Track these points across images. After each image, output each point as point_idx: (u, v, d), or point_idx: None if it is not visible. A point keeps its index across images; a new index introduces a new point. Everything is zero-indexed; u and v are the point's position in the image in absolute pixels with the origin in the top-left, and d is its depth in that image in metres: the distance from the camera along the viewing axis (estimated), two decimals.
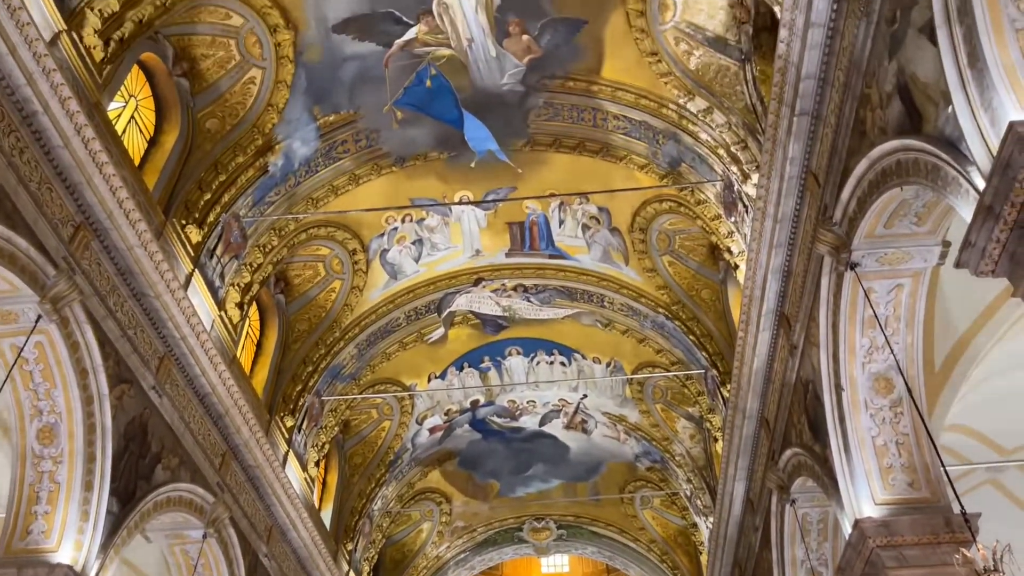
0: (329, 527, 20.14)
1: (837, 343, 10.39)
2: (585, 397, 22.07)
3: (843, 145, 9.57)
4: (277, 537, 16.99)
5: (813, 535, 13.65)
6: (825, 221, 10.13)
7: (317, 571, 18.53)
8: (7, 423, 11.52)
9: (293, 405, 17.41)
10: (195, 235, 13.33)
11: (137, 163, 12.40)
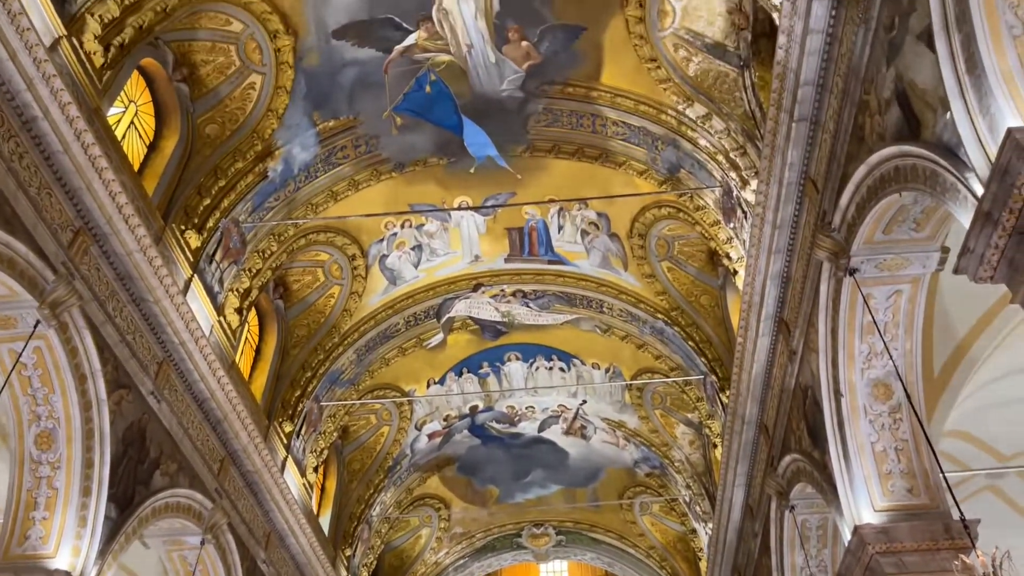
0: (328, 533, 20.10)
1: (836, 349, 10.39)
2: (584, 403, 22.06)
3: (842, 151, 9.57)
4: (275, 543, 16.95)
5: (812, 541, 13.63)
6: (824, 227, 10.13)
7: None
8: (5, 428, 11.50)
9: (292, 411, 17.39)
10: (194, 240, 13.33)
11: (137, 168, 12.40)
